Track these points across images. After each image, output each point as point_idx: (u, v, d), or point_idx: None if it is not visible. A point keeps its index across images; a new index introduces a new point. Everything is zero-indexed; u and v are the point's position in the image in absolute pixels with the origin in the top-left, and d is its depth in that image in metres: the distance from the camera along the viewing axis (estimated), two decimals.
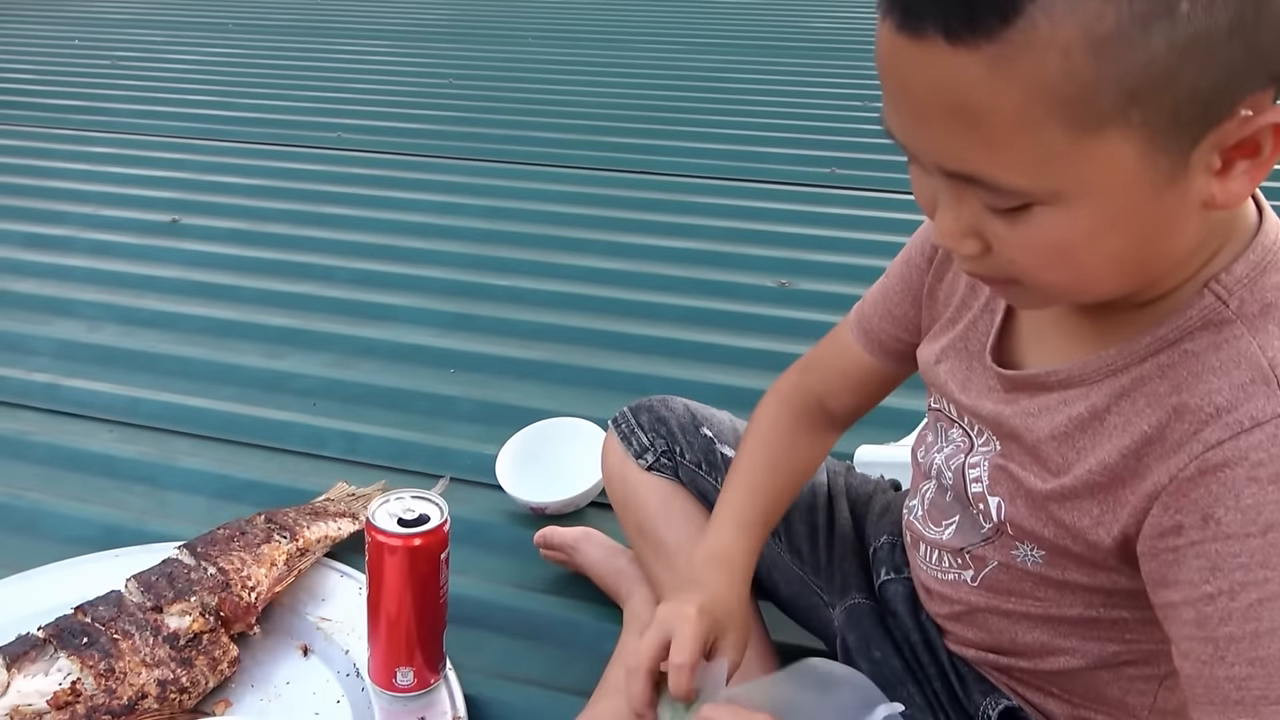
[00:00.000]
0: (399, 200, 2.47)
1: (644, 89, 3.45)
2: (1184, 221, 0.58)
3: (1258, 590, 0.56)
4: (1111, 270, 0.59)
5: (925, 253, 0.83)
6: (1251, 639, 0.56)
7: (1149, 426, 0.61)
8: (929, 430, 0.84)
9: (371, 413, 1.61)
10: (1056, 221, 0.56)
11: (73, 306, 1.95)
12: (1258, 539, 0.56)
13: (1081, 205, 0.55)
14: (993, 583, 0.76)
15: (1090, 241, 0.57)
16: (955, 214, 0.59)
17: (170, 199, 2.47)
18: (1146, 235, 0.58)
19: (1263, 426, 0.56)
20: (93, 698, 0.94)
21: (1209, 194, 0.56)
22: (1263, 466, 0.56)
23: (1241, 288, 0.61)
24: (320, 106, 3.26)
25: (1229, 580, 0.57)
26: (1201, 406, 0.59)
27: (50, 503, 1.37)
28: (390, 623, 0.97)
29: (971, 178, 0.56)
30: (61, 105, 3.27)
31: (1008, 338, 0.74)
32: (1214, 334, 0.60)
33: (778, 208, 2.42)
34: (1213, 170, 0.55)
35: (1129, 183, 0.54)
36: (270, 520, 1.17)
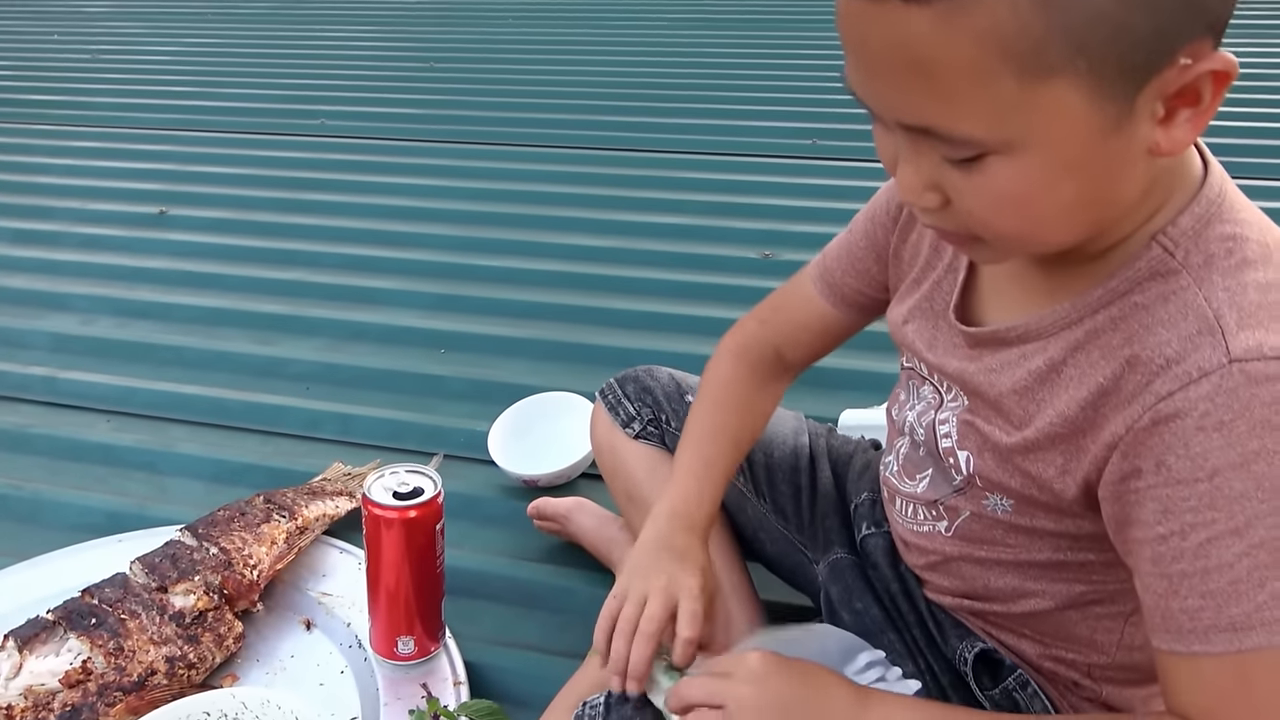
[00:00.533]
0: (384, 185, 2.49)
1: (625, 67, 3.46)
2: (1131, 168, 0.60)
3: (1206, 530, 0.59)
4: (1065, 218, 0.61)
5: (890, 212, 0.85)
6: (1201, 575, 0.60)
7: (1104, 378, 0.64)
8: (901, 389, 0.87)
9: (364, 394, 1.63)
10: (1010, 170, 0.58)
11: (65, 300, 1.97)
12: (1205, 484, 0.59)
13: (1034, 153, 0.57)
14: (965, 532, 0.79)
15: (1044, 189, 0.59)
16: (915, 168, 0.61)
17: (157, 190, 2.49)
18: (1096, 182, 0.60)
19: (1209, 377, 0.59)
20: (104, 675, 0.97)
21: (1154, 141, 0.58)
22: (1209, 416, 0.59)
23: (1187, 239, 0.63)
24: (302, 94, 3.26)
25: (1180, 522, 0.60)
26: (1152, 358, 0.62)
27: (52, 492, 1.39)
28: (390, 594, 1.00)
29: (928, 130, 0.58)
30: (43, 100, 3.27)
31: (970, 296, 0.76)
32: (1161, 284, 0.63)
33: (760, 180, 2.44)
34: (1156, 118, 0.57)
35: (1078, 129, 0.57)
36: (269, 501, 1.20)
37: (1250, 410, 0.58)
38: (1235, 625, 0.59)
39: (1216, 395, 0.59)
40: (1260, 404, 0.58)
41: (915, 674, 0.81)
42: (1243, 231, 0.63)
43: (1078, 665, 0.79)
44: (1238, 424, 0.58)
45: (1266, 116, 2.67)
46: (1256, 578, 0.59)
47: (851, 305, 0.92)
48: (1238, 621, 0.59)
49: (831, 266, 0.92)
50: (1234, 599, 0.59)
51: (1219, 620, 0.60)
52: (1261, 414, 0.58)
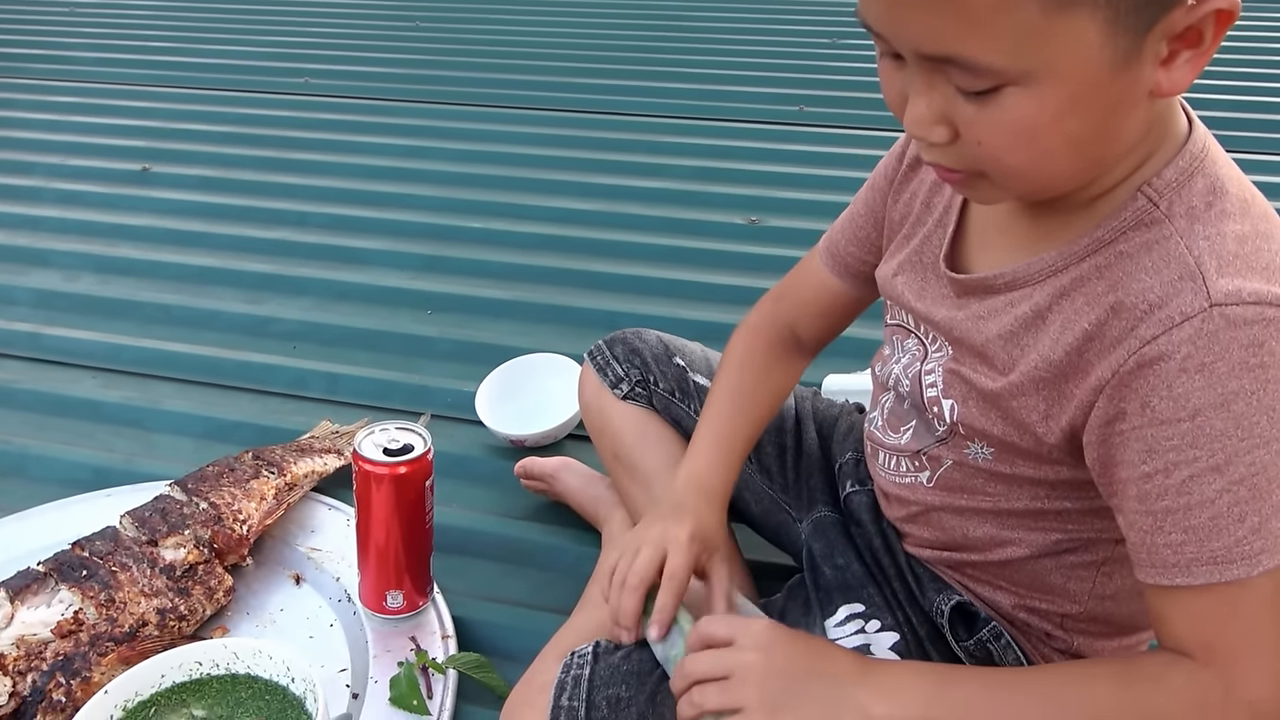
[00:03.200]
0: (369, 145, 2.47)
1: (613, 29, 3.44)
2: (1133, 109, 0.62)
3: (1188, 468, 0.62)
4: (1069, 154, 0.63)
5: (887, 175, 0.88)
6: (1184, 510, 0.63)
7: (1089, 324, 0.67)
8: (886, 345, 0.89)
9: (351, 354, 1.64)
10: (1025, 102, 0.59)
11: (48, 256, 1.96)
12: (1187, 423, 0.62)
13: (1049, 85, 0.59)
14: (947, 482, 0.81)
15: (1054, 122, 0.60)
16: (927, 100, 0.63)
17: (139, 147, 2.46)
18: (1102, 119, 0.62)
19: (1190, 321, 0.62)
20: (95, 626, 0.98)
21: (1155, 82, 0.61)
22: (1191, 358, 0.61)
23: (1171, 191, 0.66)
24: (285, 51, 3.22)
25: (1164, 460, 0.63)
26: (1136, 304, 0.64)
27: (39, 447, 1.40)
28: (379, 549, 1.01)
29: (949, 59, 0.59)
30: (20, 55, 3.22)
31: (959, 247, 0.79)
32: (1145, 234, 0.66)
33: (747, 146, 2.44)
34: (1159, 59, 0.60)
35: (1091, 62, 0.58)
36: (258, 457, 1.21)
37: (1229, 352, 0.61)
38: (1216, 559, 0.62)
39: (1198, 338, 0.61)
40: (1239, 346, 0.61)
41: (894, 626, 0.84)
42: (1223, 185, 0.66)
43: (1050, 616, 0.81)
44: (1218, 365, 0.61)
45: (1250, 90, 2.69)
46: (1236, 513, 0.61)
47: (855, 276, 0.94)
48: (1218, 555, 0.62)
49: (836, 239, 0.95)
50: (1214, 533, 0.62)
51: (1200, 554, 0.62)
52: (1240, 356, 0.61)
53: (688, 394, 1.10)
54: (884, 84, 0.66)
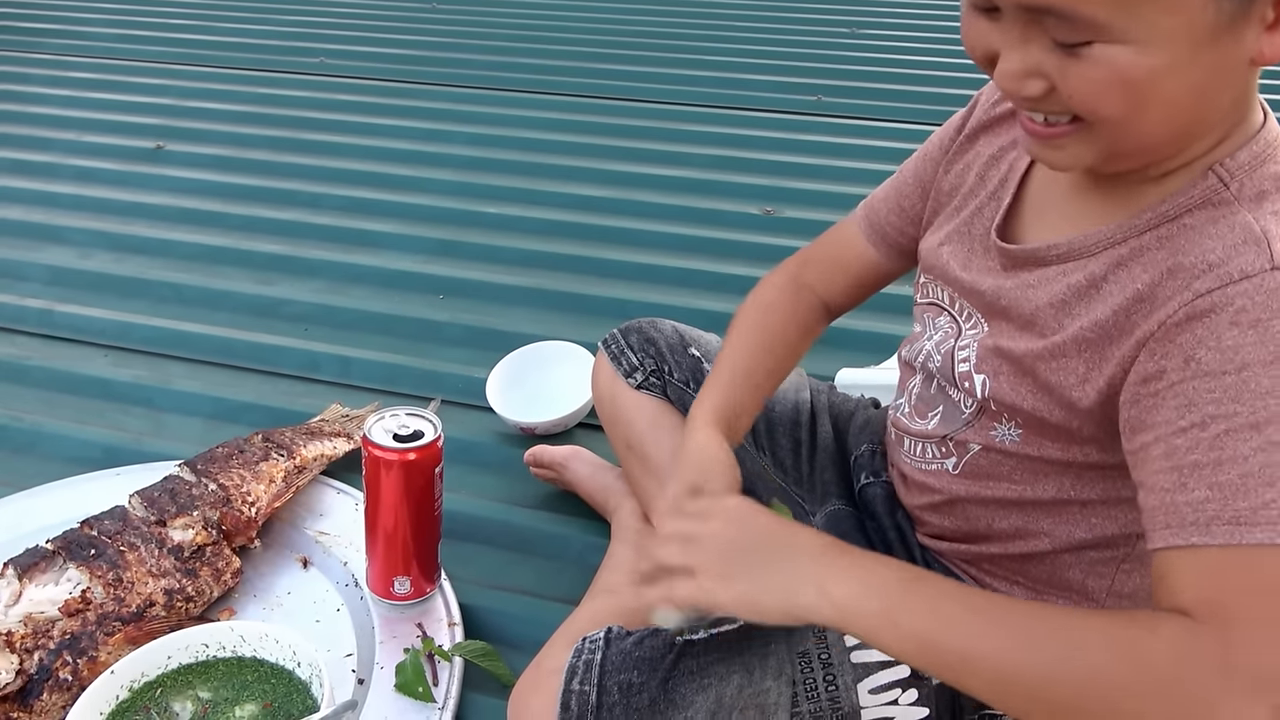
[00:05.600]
0: (385, 127, 2.46)
1: (630, 15, 3.42)
2: (1232, 75, 0.62)
3: (1226, 422, 0.59)
4: (1165, 112, 0.62)
5: (943, 145, 0.87)
6: (1214, 466, 0.59)
7: (1142, 286, 0.66)
8: (917, 323, 0.88)
9: (363, 337, 1.63)
10: (1122, 58, 0.59)
11: (62, 233, 1.96)
12: (1233, 376, 0.59)
13: (1147, 42, 0.58)
14: (973, 469, 0.81)
15: (1150, 81, 0.60)
16: (1021, 54, 0.62)
17: (153, 125, 2.46)
18: (1201, 83, 0.61)
19: (1250, 279, 0.61)
20: (102, 605, 0.98)
21: (1258, 49, 0.60)
22: (1245, 312, 0.60)
23: (1242, 173, 0.65)
24: (301, 31, 3.21)
25: (1201, 414, 0.60)
26: (1195, 265, 0.63)
27: (50, 424, 1.40)
28: (387, 534, 1.01)
29: (1048, 8, 0.59)
30: (38, 30, 3.21)
31: (1012, 221, 0.78)
32: (1212, 211, 0.65)
33: (764, 135, 2.42)
34: (1266, 23, 0.59)
35: (1194, 23, 0.58)
36: (268, 439, 1.21)
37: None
38: (1239, 519, 0.58)
39: (1256, 294, 0.60)
40: None
41: None
42: None
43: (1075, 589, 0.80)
44: (1274, 323, 0.59)
45: None
46: (1267, 475, 0.58)
47: (893, 247, 0.94)
48: (1242, 515, 0.58)
49: (877, 207, 0.94)
50: (1242, 493, 0.58)
51: (1223, 512, 0.58)
52: None
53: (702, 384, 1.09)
54: (970, 39, 0.66)
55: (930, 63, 2.89)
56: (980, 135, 0.84)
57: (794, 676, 0.82)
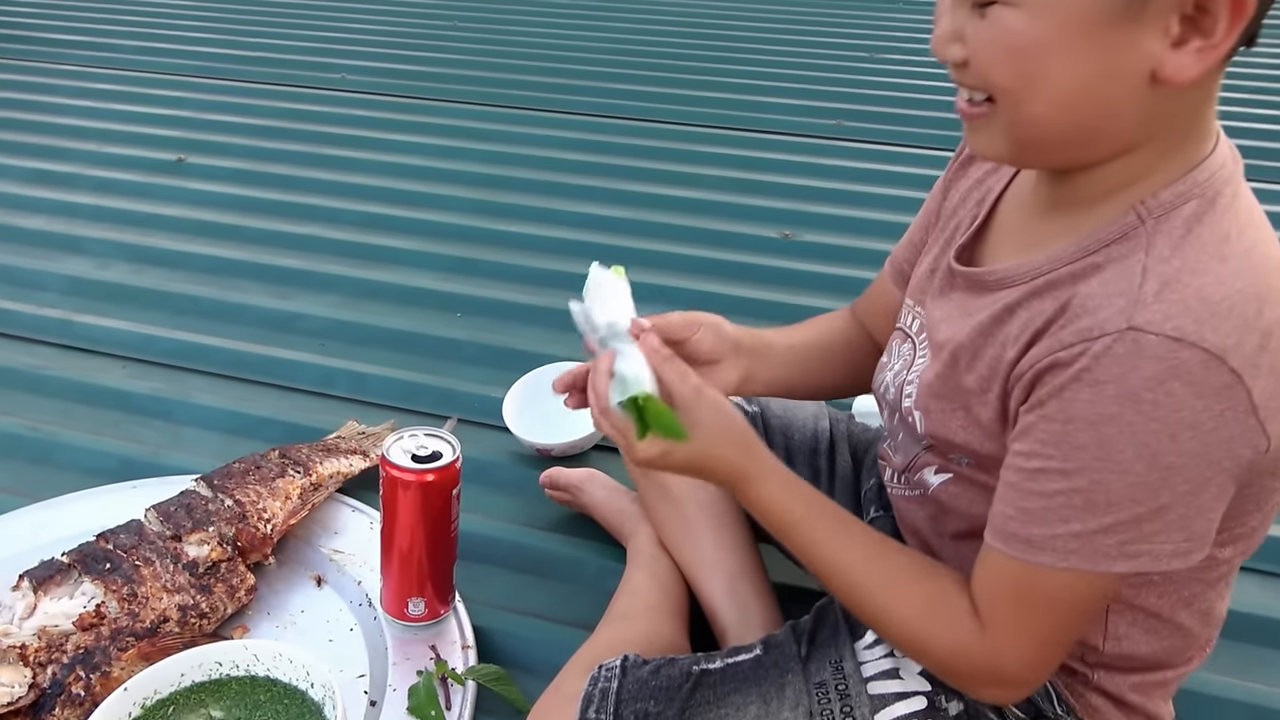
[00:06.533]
0: (403, 143, 2.47)
1: (649, 35, 3.43)
2: (1132, 80, 0.63)
3: (1044, 461, 0.66)
4: (1055, 99, 0.64)
5: (945, 174, 0.88)
6: (1024, 493, 0.67)
7: (1039, 321, 0.68)
8: (885, 352, 0.89)
9: (379, 354, 1.64)
10: (1013, 20, 0.63)
11: (81, 244, 1.97)
12: (1059, 425, 0.65)
13: (1038, 8, 0.62)
14: (938, 500, 0.81)
15: (1037, 50, 0.63)
16: (950, 18, 0.66)
17: (174, 137, 2.47)
18: (1093, 71, 0.63)
19: (1103, 339, 0.62)
20: (116, 620, 0.98)
21: (1160, 60, 0.61)
22: (1088, 371, 0.63)
23: (1161, 210, 0.66)
24: (323, 46, 3.24)
25: (1030, 444, 0.67)
26: (1074, 309, 0.65)
27: (67, 435, 1.40)
28: (403, 555, 1.00)
29: None
30: (63, 40, 3.24)
31: (980, 245, 0.79)
32: (1122, 247, 0.66)
33: (782, 158, 2.43)
34: (1169, 36, 0.60)
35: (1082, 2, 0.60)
36: (284, 455, 1.21)
37: (1126, 379, 0.61)
38: (1031, 541, 0.66)
39: (1104, 356, 0.62)
40: (1138, 376, 0.61)
41: None
42: (1216, 220, 0.65)
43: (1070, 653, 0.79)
44: (1109, 387, 0.62)
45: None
46: (1064, 514, 0.65)
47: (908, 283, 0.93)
48: (1034, 539, 0.66)
49: (897, 249, 0.96)
50: (1039, 521, 0.66)
51: (1020, 532, 0.67)
52: (1135, 385, 0.61)
53: None
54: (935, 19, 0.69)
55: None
56: (974, 160, 0.85)
57: (811, 707, 0.81)
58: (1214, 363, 0.60)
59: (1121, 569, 0.65)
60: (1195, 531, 0.65)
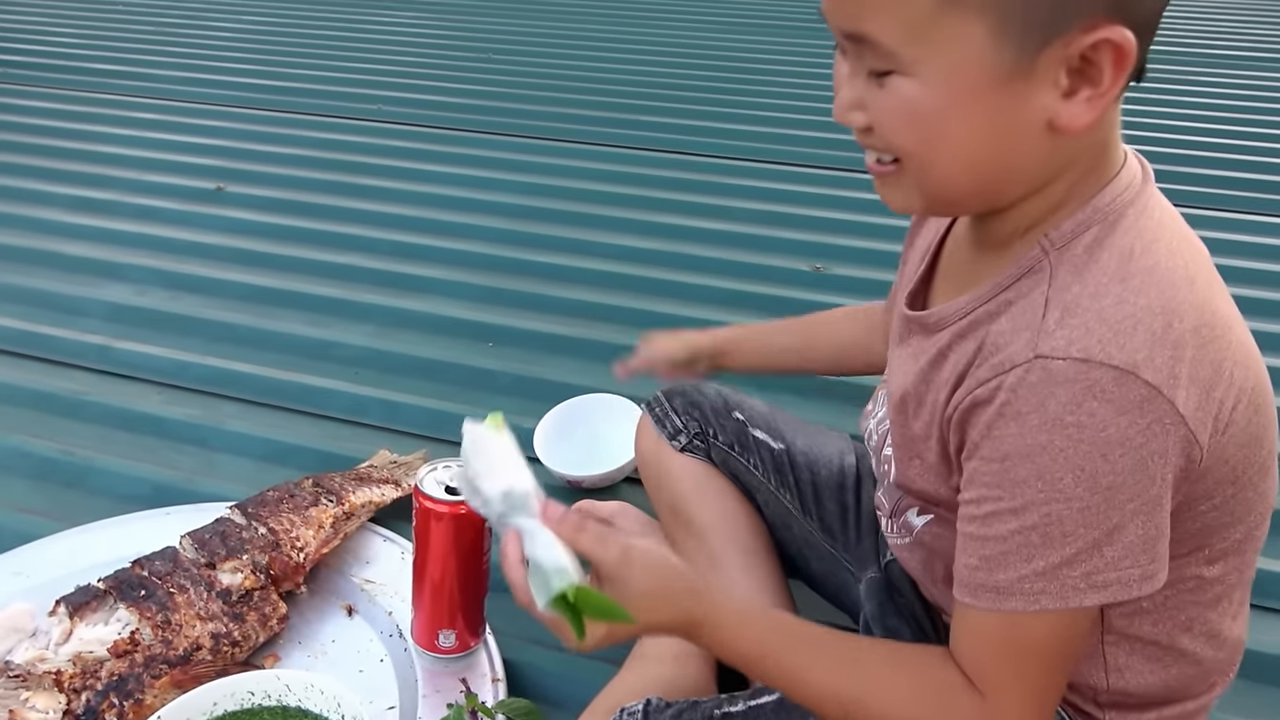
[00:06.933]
0: (438, 174, 2.50)
1: (681, 68, 3.46)
2: (1029, 133, 0.64)
3: (993, 504, 0.66)
4: (958, 159, 0.65)
5: (912, 224, 0.89)
6: (981, 540, 0.67)
7: (962, 363, 0.69)
8: (871, 400, 0.89)
9: (411, 382, 1.65)
10: (911, 89, 0.63)
11: (121, 270, 2.00)
12: (998, 464, 0.65)
13: (932, 76, 0.62)
14: (924, 544, 0.81)
15: (937, 115, 0.63)
16: (850, 86, 0.67)
17: (214, 166, 2.51)
18: (992, 130, 0.64)
19: (1017, 369, 0.63)
20: (150, 647, 0.98)
21: (1054, 111, 0.62)
22: (1009, 405, 0.64)
23: (1063, 239, 0.66)
24: (360, 78, 3.28)
25: (977, 491, 0.67)
26: (988, 347, 0.67)
27: (103, 460, 1.41)
28: (434, 587, 1.01)
29: (859, 35, 0.64)
30: (106, 70, 3.31)
31: (930, 287, 0.80)
32: (1029, 281, 0.67)
33: (814, 191, 2.43)
34: (1060, 89, 0.62)
35: (975, 64, 0.61)
36: (317, 484, 1.21)
37: (1044, 406, 0.62)
38: (999, 589, 0.66)
39: (1019, 387, 0.63)
40: (1056, 402, 0.62)
41: None
42: (1116, 241, 0.66)
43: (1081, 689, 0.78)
44: (1031, 417, 0.63)
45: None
46: (1025, 554, 0.64)
47: None
48: (1001, 585, 0.66)
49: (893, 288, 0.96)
50: (1002, 566, 0.65)
51: (987, 581, 0.67)
52: (1055, 411, 0.62)
53: (748, 448, 1.08)
54: (835, 82, 0.69)
55: None
56: None
57: None
58: (1126, 378, 0.61)
59: (1093, 602, 0.64)
60: (1159, 552, 0.65)
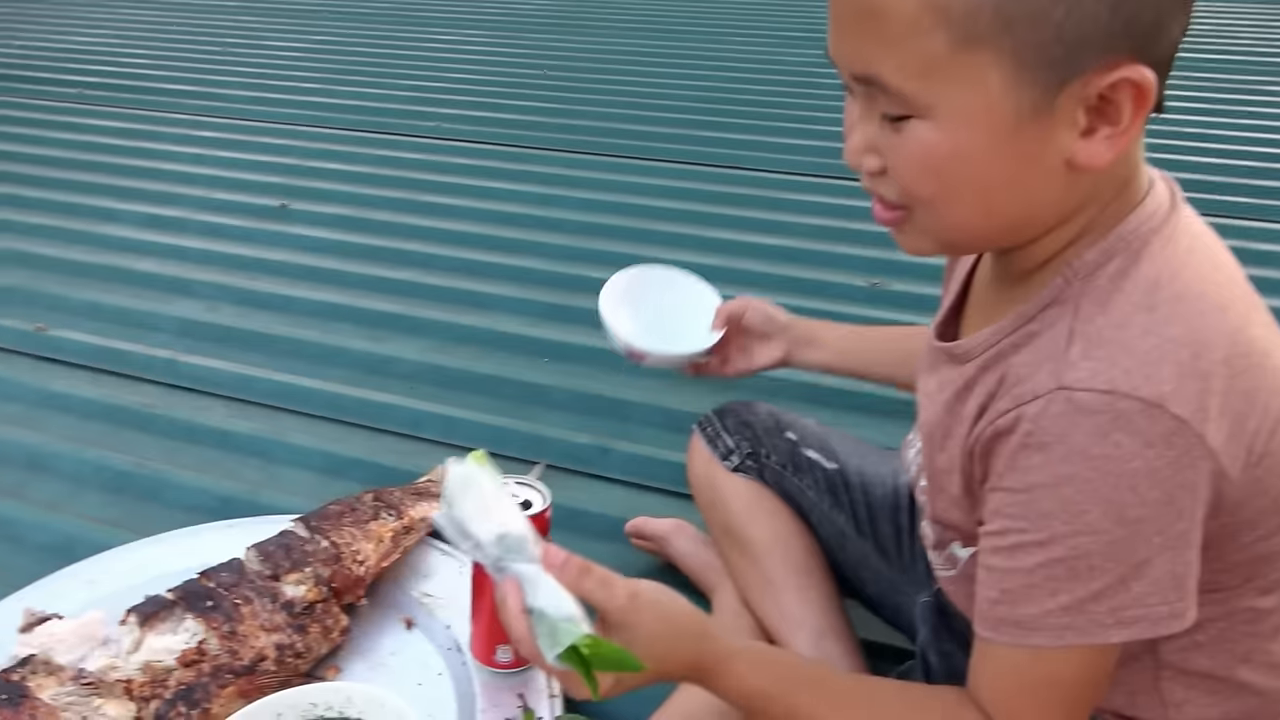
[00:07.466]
0: (496, 190, 2.53)
1: (738, 83, 3.46)
2: (1047, 174, 0.63)
3: (1017, 536, 0.64)
4: (978, 203, 0.64)
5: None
6: (1004, 573, 0.66)
7: (984, 396, 0.68)
8: (912, 431, 0.88)
9: (469, 398, 1.66)
10: (929, 134, 0.62)
11: (190, 286, 2.05)
12: (1023, 495, 0.64)
13: (950, 120, 0.61)
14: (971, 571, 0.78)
15: (955, 160, 0.62)
16: (861, 130, 0.66)
17: (279, 184, 2.57)
18: (1010, 173, 0.63)
19: (1036, 401, 0.63)
20: (216, 657, 1.00)
21: (1072, 151, 0.61)
22: (1032, 436, 0.63)
23: (1086, 269, 0.65)
24: (419, 95, 3.34)
25: (1000, 523, 0.66)
26: (1010, 378, 0.66)
27: (171, 472, 1.45)
28: (493, 602, 1.01)
29: (871, 79, 0.63)
30: (174, 90, 3.40)
31: (959, 318, 0.79)
32: (1053, 313, 0.65)
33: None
34: (1079, 129, 0.61)
35: (993, 108, 0.60)
36: (378, 498, 1.23)
37: (1069, 437, 0.61)
38: (1022, 623, 0.65)
39: (1041, 418, 0.62)
40: (1081, 433, 0.61)
41: None
42: (1141, 270, 0.64)
43: None
44: (1056, 448, 0.62)
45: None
46: (1049, 587, 0.63)
47: None
48: (1024, 620, 0.64)
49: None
50: (1026, 600, 0.64)
51: (1010, 615, 0.65)
52: (1080, 442, 0.61)
53: (800, 468, 1.08)
54: (845, 121, 0.68)
55: None
56: None
57: None
58: (1153, 410, 0.59)
59: (1119, 638, 0.63)
60: (1188, 589, 0.63)
